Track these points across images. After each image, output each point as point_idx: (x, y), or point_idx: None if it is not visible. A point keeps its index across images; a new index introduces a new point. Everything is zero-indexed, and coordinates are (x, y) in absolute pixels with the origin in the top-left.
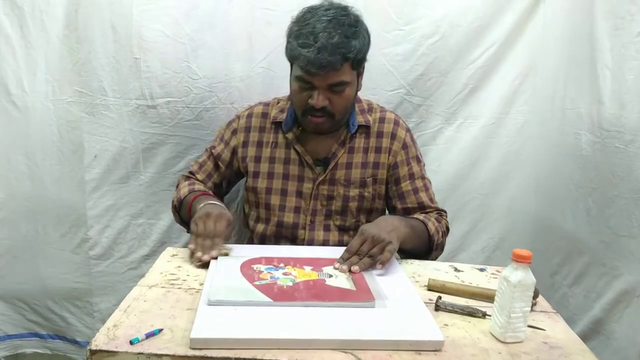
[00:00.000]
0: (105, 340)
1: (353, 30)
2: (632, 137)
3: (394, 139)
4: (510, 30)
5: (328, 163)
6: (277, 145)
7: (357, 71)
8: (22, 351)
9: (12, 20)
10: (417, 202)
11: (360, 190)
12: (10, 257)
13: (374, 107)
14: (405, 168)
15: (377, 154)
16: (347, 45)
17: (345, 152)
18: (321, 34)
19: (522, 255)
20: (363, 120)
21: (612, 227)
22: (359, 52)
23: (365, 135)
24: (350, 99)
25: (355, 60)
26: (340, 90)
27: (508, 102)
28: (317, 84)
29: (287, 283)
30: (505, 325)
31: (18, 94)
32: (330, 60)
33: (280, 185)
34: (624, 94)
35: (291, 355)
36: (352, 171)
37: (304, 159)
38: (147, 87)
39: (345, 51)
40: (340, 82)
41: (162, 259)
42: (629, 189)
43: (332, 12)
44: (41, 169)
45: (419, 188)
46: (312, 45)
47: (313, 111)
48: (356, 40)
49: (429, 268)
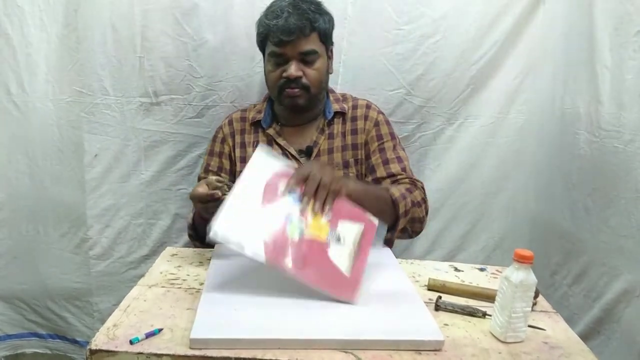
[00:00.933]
0: (105, 340)
1: (315, 7)
2: (632, 136)
3: (367, 119)
4: (511, 30)
5: (311, 151)
6: (259, 142)
7: (326, 46)
8: (22, 351)
9: (12, 19)
10: (386, 172)
11: (344, 171)
12: (10, 257)
13: (347, 97)
14: (376, 143)
15: (354, 135)
16: (313, 15)
17: (325, 139)
18: (286, 6)
19: (524, 256)
20: (339, 107)
21: (611, 226)
22: (324, 24)
23: (342, 121)
24: (322, 72)
25: (322, 32)
26: (311, 60)
27: (508, 101)
28: (289, 54)
29: (294, 234)
30: (506, 325)
31: (18, 93)
32: (298, 25)
33: None
34: (623, 94)
35: (291, 355)
36: (334, 155)
37: (287, 151)
38: (150, 84)
39: (311, 18)
40: (311, 50)
41: (162, 259)
42: (629, 188)
43: None
44: (41, 168)
45: (390, 159)
46: (280, 16)
47: (288, 83)
48: (319, 14)
49: (429, 268)
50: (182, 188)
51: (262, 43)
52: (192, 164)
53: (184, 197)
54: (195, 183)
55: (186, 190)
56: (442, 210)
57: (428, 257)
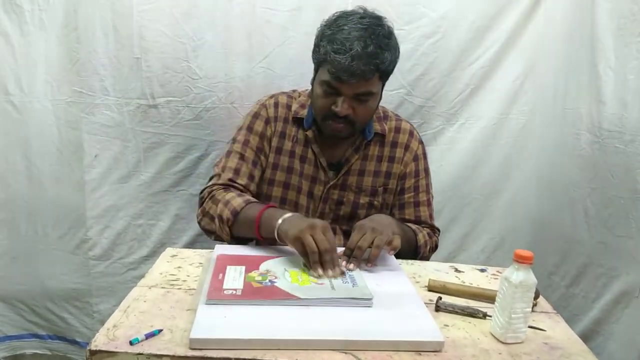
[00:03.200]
0: (105, 340)
1: (386, 41)
2: (632, 137)
3: (407, 150)
4: (511, 30)
5: (341, 168)
6: (298, 141)
7: (383, 83)
8: (22, 352)
9: (12, 19)
10: (414, 215)
11: (370, 198)
12: (9, 258)
13: (389, 115)
14: (412, 180)
15: (390, 163)
16: (380, 56)
17: (359, 159)
18: (356, 42)
19: (524, 256)
20: (380, 128)
21: (610, 227)
22: (390, 64)
23: (380, 144)
24: (372, 110)
25: (384, 72)
26: (365, 100)
27: (509, 102)
28: (344, 92)
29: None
30: (506, 325)
31: (17, 94)
32: (363, 70)
33: (296, 182)
34: (626, 94)
35: (291, 355)
36: (364, 178)
37: (319, 160)
38: (148, 86)
39: (378, 62)
40: (368, 92)
41: (162, 260)
42: (628, 189)
43: (367, 21)
44: (40, 169)
45: (421, 202)
46: (347, 52)
47: (335, 117)
48: (388, 52)
49: (429, 268)
50: (182, 189)
51: (317, 63)
52: (191, 165)
53: (184, 198)
54: (196, 183)
55: (186, 192)
56: (442, 211)
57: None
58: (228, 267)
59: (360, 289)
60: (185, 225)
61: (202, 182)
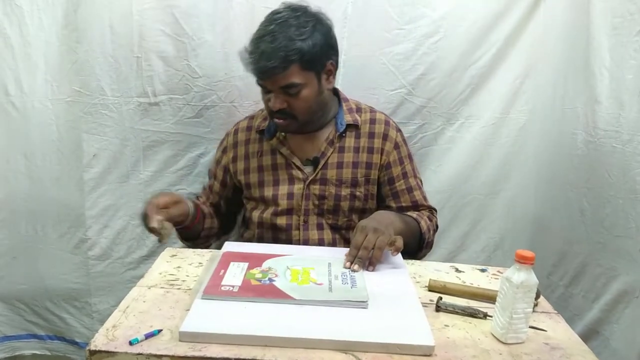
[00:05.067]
0: (104, 340)
1: (301, 31)
2: (630, 136)
3: (386, 140)
4: (511, 30)
5: (318, 162)
6: (263, 153)
7: (314, 71)
8: (21, 352)
9: (11, 19)
10: (410, 200)
11: (352, 189)
12: (8, 257)
13: (363, 108)
14: (399, 167)
15: (370, 154)
16: (291, 47)
17: (335, 152)
18: (265, 38)
19: (525, 256)
20: (351, 119)
21: (608, 227)
22: (306, 53)
23: (356, 135)
24: (309, 100)
25: (304, 61)
26: (294, 92)
27: (509, 102)
28: (269, 87)
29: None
30: (507, 326)
31: (17, 94)
32: (269, 66)
33: (271, 192)
34: (623, 93)
35: (291, 355)
36: (343, 170)
37: (290, 161)
38: (149, 84)
39: (287, 54)
40: (290, 84)
41: (162, 260)
42: (625, 189)
43: (280, 16)
44: (40, 168)
45: (413, 187)
46: (255, 52)
47: (276, 114)
48: (303, 41)
49: (429, 269)
50: (182, 188)
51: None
52: (191, 164)
53: None
54: (195, 182)
55: (185, 191)
56: (442, 210)
57: (429, 258)
58: (232, 263)
59: (357, 291)
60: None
61: (201, 180)
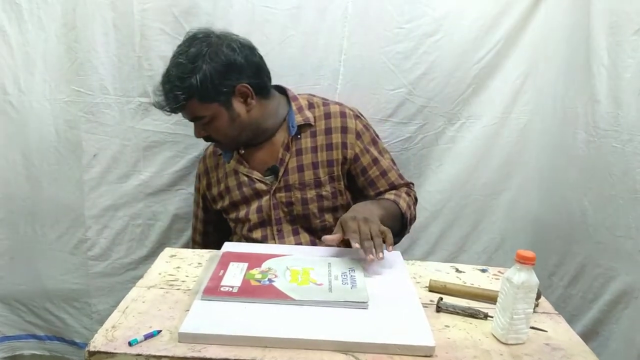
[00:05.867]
0: (103, 341)
1: (190, 67)
2: (630, 136)
3: (346, 132)
4: (512, 29)
5: (277, 170)
6: (228, 175)
7: (217, 101)
8: (20, 353)
9: (10, 17)
10: (387, 183)
11: (317, 190)
12: (7, 257)
13: (315, 102)
14: (367, 156)
15: (329, 151)
16: (183, 85)
17: (292, 156)
18: (164, 78)
19: (526, 257)
20: (302, 119)
21: (608, 227)
22: (198, 88)
23: (311, 134)
24: (224, 128)
25: (199, 96)
26: (205, 122)
27: (510, 101)
28: (185, 118)
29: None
30: (508, 326)
31: (15, 93)
32: (166, 107)
33: (244, 210)
34: (621, 93)
35: (291, 356)
36: (304, 173)
37: (251, 177)
38: (150, 84)
39: (178, 94)
40: (197, 117)
41: (161, 260)
42: (626, 188)
43: (178, 50)
44: (39, 169)
45: (386, 169)
46: (159, 92)
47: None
48: (193, 76)
49: (430, 269)
50: (181, 189)
51: None
52: (190, 164)
53: (183, 198)
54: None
55: (185, 191)
56: (443, 211)
57: (429, 258)
58: (231, 263)
59: (357, 292)
60: (184, 225)
61: None
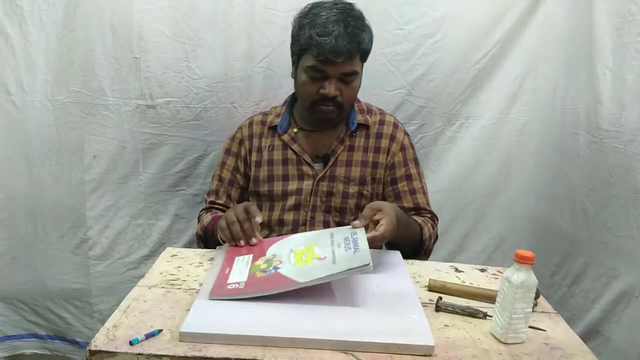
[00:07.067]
0: (104, 340)
1: (362, 23)
2: (632, 137)
3: (393, 141)
4: (511, 30)
5: (328, 160)
6: (274, 148)
7: (363, 63)
8: (22, 352)
9: (12, 19)
10: (413, 202)
11: (359, 187)
12: (9, 257)
13: (373, 110)
14: (403, 169)
15: (377, 154)
16: (360, 35)
17: (345, 150)
18: (337, 24)
19: (525, 256)
20: (362, 119)
21: (610, 227)
22: (368, 43)
23: (365, 135)
24: (356, 91)
25: (365, 52)
26: (350, 80)
27: (509, 102)
28: (330, 73)
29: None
30: (507, 326)
31: (17, 93)
32: (348, 48)
33: (280, 187)
34: (625, 94)
35: (292, 355)
36: (352, 169)
37: (301, 157)
38: (146, 86)
39: (359, 41)
40: (353, 71)
41: (162, 260)
42: (628, 189)
43: (341, 7)
44: (40, 169)
45: (417, 189)
46: (330, 34)
47: (324, 101)
48: (365, 32)
49: (429, 268)
50: (181, 189)
51: (299, 52)
52: (190, 166)
53: (184, 198)
54: (195, 183)
55: (185, 191)
56: (442, 211)
57: (429, 258)
58: (236, 258)
59: (360, 255)
60: (185, 225)
61: (201, 182)
